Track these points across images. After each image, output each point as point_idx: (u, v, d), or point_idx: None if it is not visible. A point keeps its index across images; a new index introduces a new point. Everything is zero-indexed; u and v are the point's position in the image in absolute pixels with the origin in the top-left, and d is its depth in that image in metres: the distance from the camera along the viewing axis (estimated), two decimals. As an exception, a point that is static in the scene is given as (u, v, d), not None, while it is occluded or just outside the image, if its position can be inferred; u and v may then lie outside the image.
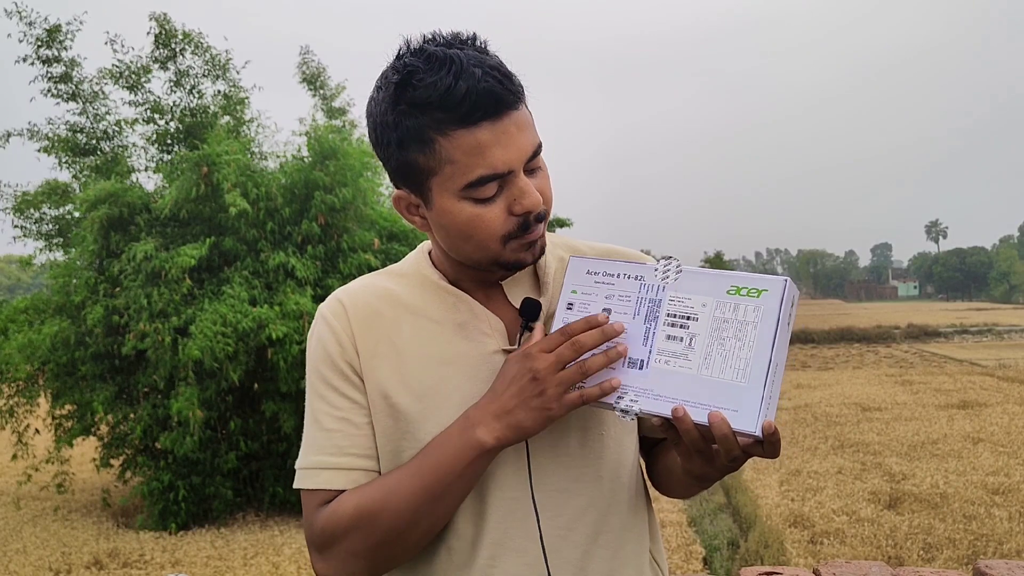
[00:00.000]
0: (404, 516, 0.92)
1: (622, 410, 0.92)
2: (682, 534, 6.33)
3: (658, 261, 0.96)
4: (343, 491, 0.97)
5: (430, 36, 0.93)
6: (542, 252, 1.00)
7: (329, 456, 0.99)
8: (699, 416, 0.86)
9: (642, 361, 0.92)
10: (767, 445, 0.85)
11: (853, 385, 15.78)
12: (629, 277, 0.96)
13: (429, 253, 1.09)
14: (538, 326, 0.97)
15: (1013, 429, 10.26)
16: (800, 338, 32.05)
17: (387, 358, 1.01)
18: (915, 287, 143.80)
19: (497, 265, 0.98)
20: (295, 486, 1.01)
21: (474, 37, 0.94)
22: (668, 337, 0.92)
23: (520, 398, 0.90)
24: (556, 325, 0.97)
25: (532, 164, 0.95)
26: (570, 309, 0.97)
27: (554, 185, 1.01)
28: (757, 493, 7.43)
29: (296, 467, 1.02)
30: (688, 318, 0.91)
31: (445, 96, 0.87)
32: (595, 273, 0.98)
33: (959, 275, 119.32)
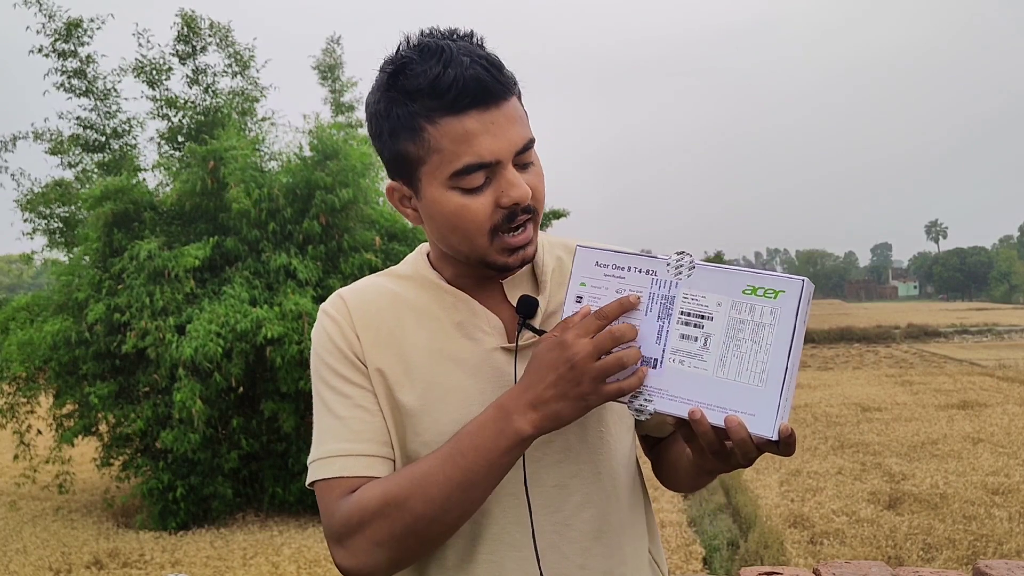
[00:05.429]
0: (435, 504, 0.90)
1: (636, 408, 0.90)
2: (682, 534, 6.32)
3: (671, 256, 0.91)
4: (363, 479, 0.96)
5: (428, 31, 0.94)
6: (530, 258, 0.99)
7: (346, 443, 0.98)
8: (716, 419, 0.86)
9: (656, 360, 0.90)
10: (783, 446, 0.85)
11: (853, 385, 15.77)
12: (640, 271, 0.92)
13: (428, 255, 1.09)
14: (583, 308, 0.92)
15: (1013, 429, 10.25)
16: (800, 338, 32.00)
17: (389, 352, 1.01)
18: (915, 287, 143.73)
19: (483, 264, 0.98)
20: (310, 479, 0.98)
21: (471, 33, 0.94)
22: (682, 336, 0.89)
23: (557, 388, 0.87)
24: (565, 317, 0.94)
25: (523, 158, 0.94)
26: (579, 302, 0.94)
27: (554, 186, 1.01)
28: (757, 493, 7.43)
29: (309, 461, 1.00)
30: (703, 317, 0.89)
31: (433, 83, 0.89)
32: (604, 265, 0.93)
33: (959, 275, 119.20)
